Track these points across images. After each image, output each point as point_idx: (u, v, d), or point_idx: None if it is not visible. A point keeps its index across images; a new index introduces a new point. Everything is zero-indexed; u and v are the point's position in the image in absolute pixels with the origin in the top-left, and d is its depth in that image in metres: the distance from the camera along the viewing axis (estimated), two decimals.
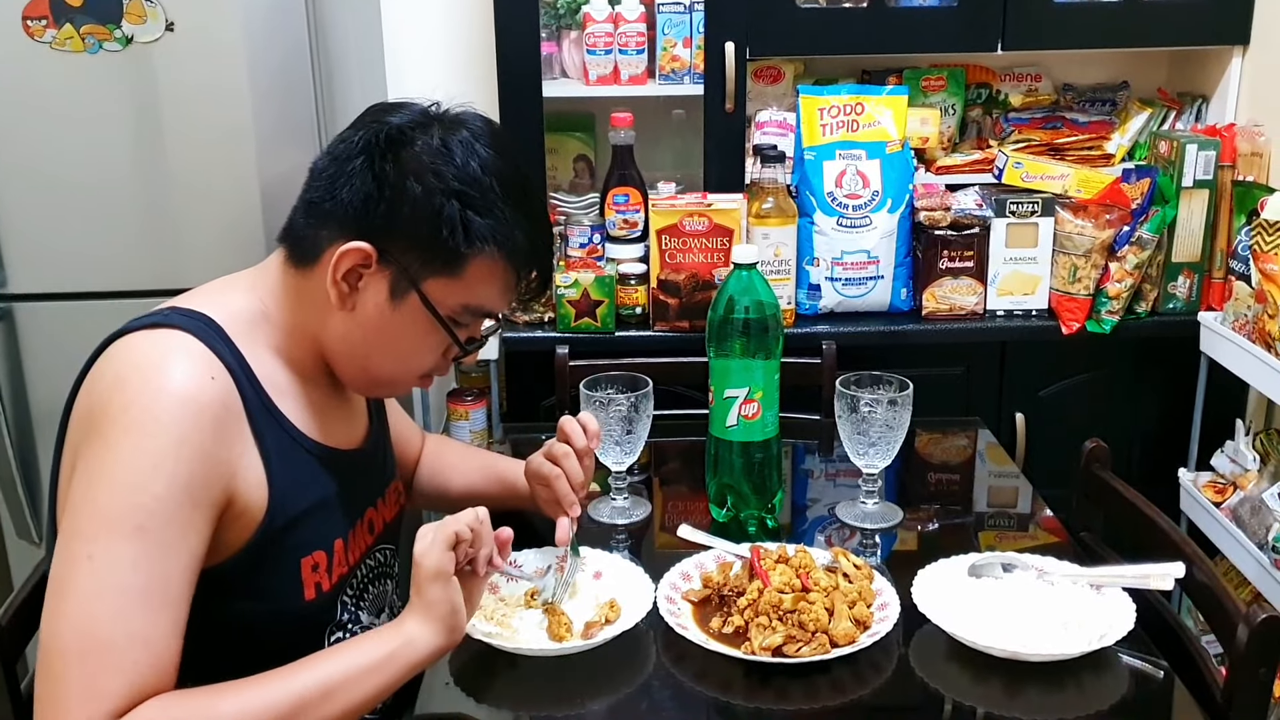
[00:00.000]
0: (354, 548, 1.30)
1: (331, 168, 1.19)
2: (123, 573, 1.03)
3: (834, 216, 2.31)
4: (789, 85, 2.58)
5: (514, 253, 1.20)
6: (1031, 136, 2.58)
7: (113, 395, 1.08)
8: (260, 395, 1.18)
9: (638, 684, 1.25)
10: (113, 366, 1.11)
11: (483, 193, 1.17)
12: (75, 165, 1.99)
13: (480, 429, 2.35)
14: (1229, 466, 2.20)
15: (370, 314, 1.20)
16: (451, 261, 1.17)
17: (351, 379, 1.29)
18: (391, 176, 1.16)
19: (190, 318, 1.16)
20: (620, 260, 2.34)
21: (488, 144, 1.20)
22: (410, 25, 2.66)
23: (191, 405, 1.08)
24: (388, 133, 1.18)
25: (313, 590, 1.22)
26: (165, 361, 1.10)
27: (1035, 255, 2.36)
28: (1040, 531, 1.61)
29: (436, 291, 1.19)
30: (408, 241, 1.17)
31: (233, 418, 1.13)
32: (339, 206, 1.17)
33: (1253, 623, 1.19)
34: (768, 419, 1.55)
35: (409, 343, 1.23)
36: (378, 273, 1.18)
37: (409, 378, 1.28)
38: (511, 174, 1.21)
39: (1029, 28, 2.41)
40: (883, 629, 1.27)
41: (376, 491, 1.37)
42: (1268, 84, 2.42)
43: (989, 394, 2.40)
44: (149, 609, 1.04)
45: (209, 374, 1.11)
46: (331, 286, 1.18)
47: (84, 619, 1.02)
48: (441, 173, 1.16)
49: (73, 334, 2.12)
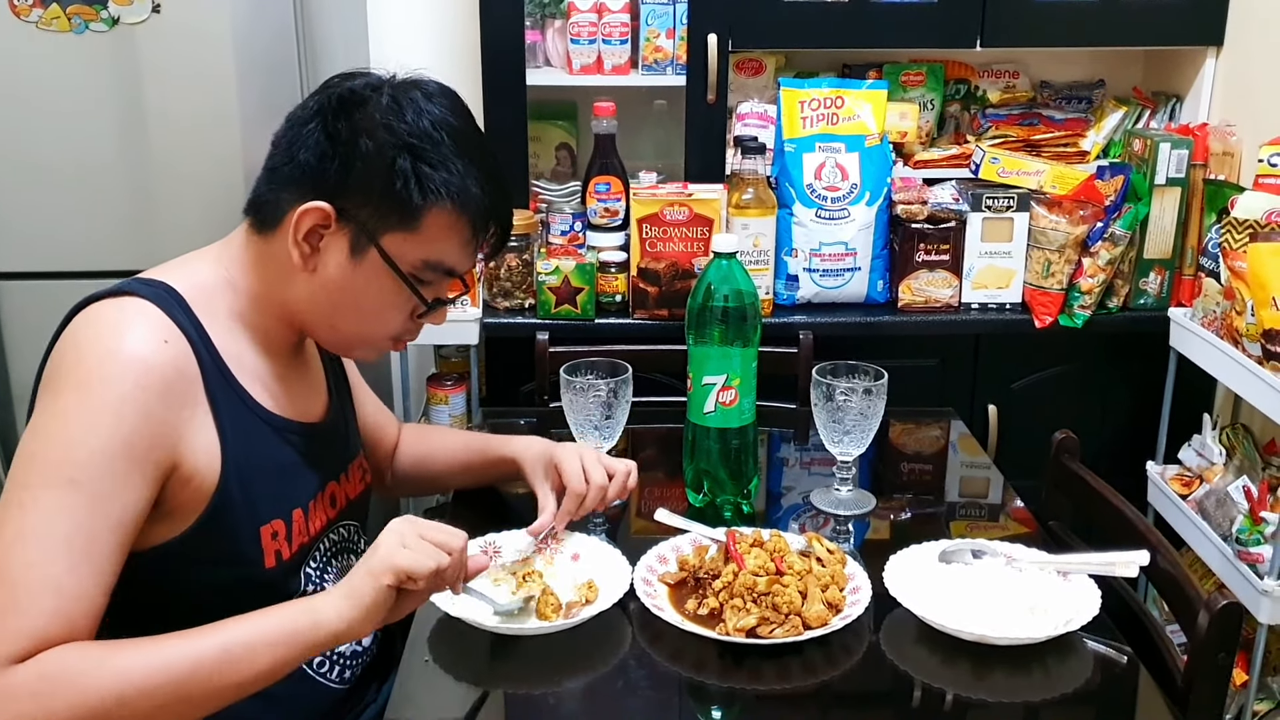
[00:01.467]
0: (314, 518, 1.31)
1: (289, 134, 1.22)
2: (47, 521, 1.05)
3: (813, 208, 2.33)
4: (770, 78, 2.60)
5: (468, 205, 1.22)
6: (1008, 132, 2.61)
7: (65, 356, 1.12)
8: (217, 363, 1.20)
9: (614, 663, 1.27)
10: (72, 333, 1.14)
11: (434, 146, 1.19)
12: (59, 145, 1.98)
13: (460, 413, 2.36)
14: (1196, 460, 2.24)
15: (333, 274, 1.22)
16: (407, 215, 1.20)
17: (323, 339, 1.32)
18: (344, 135, 1.18)
19: (151, 286, 1.19)
20: (601, 248, 2.36)
21: (440, 103, 1.22)
22: (395, 11, 2.67)
23: (139, 366, 1.10)
24: (340, 94, 1.21)
25: (273, 558, 1.24)
26: (120, 326, 1.13)
27: (1010, 250, 2.39)
28: (1010, 521, 1.64)
29: (395, 246, 1.21)
30: (363, 197, 1.19)
31: (186, 383, 1.15)
32: (296, 169, 1.20)
33: (1213, 609, 1.22)
34: (745, 406, 1.57)
35: (373, 301, 1.25)
36: (337, 231, 1.20)
37: (379, 339, 1.30)
38: (464, 129, 1.23)
39: (1008, 25, 2.44)
40: (854, 612, 1.30)
41: (339, 466, 1.39)
42: (1240, 85, 2.45)
43: (963, 385, 2.44)
44: (67, 559, 1.05)
45: (162, 338, 1.14)
46: (293, 247, 1.20)
47: (1, 560, 1.04)
48: (393, 128, 1.18)
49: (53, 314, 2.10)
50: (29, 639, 1.02)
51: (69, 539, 1.05)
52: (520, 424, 1.90)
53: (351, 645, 1.37)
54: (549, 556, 1.43)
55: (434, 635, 1.30)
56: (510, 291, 2.35)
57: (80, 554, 1.06)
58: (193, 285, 1.21)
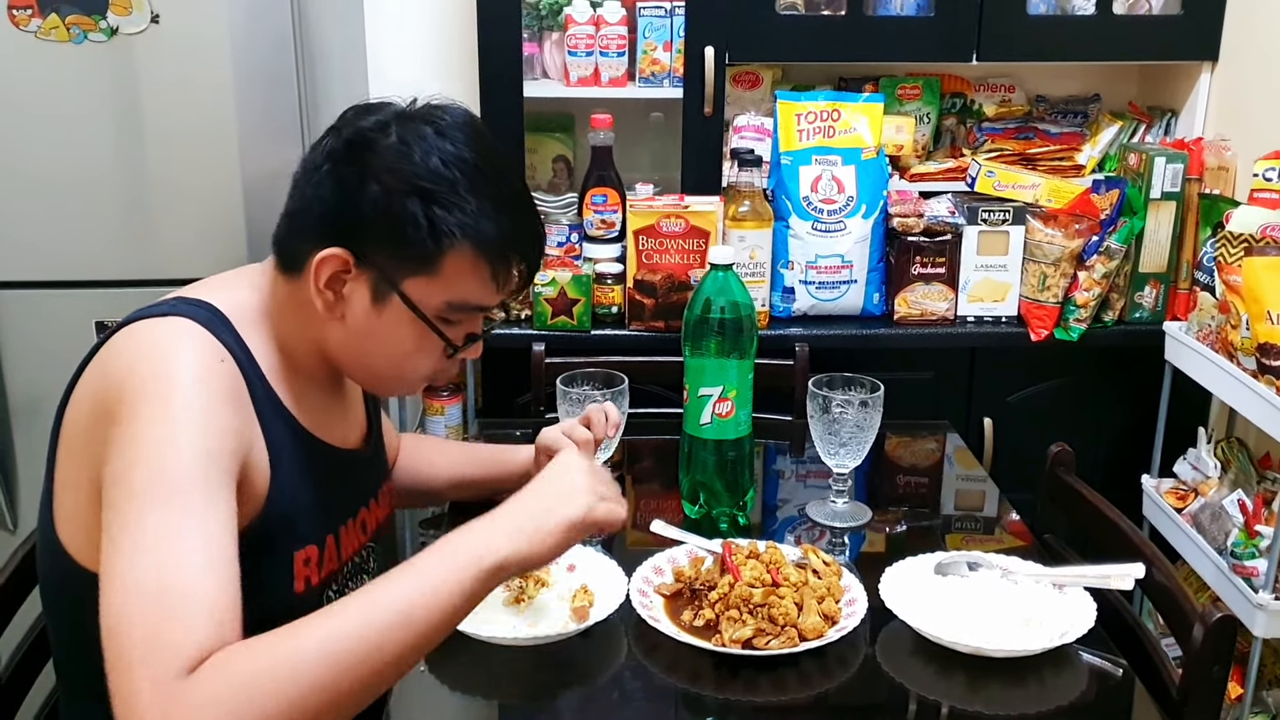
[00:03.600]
0: (346, 545, 1.30)
1: (303, 178, 1.20)
2: (169, 537, 1.00)
3: (809, 221, 2.34)
4: (767, 90, 2.60)
5: (485, 244, 1.17)
6: (1004, 146, 2.62)
7: (129, 378, 1.08)
8: (265, 384, 1.18)
9: (610, 675, 1.27)
10: (125, 352, 1.11)
11: (447, 186, 1.15)
12: (56, 155, 1.98)
13: (455, 424, 2.37)
14: (1191, 473, 2.25)
15: (360, 319, 1.19)
16: (425, 259, 1.16)
17: (361, 381, 1.31)
18: (352, 181, 1.15)
19: (197, 307, 1.16)
20: (597, 260, 2.36)
21: (454, 137, 1.17)
22: (393, 22, 2.67)
23: (208, 380, 1.09)
24: (348, 137, 1.18)
25: (302, 584, 1.22)
26: (176, 344, 1.11)
27: (1006, 263, 2.40)
28: (1006, 534, 1.64)
29: (417, 291, 1.18)
30: (378, 244, 1.16)
31: (242, 400, 1.14)
32: (311, 216, 1.18)
33: (1208, 622, 1.23)
34: (741, 418, 1.57)
35: (402, 345, 1.21)
36: (358, 277, 1.17)
37: (414, 378, 1.27)
38: (479, 164, 1.17)
39: (1004, 40, 2.45)
40: (850, 624, 1.30)
41: (370, 492, 1.38)
42: (1235, 100, 2.47)
43: (958, 398, 2.44)
44: (205, 565, 1.00)
45: (218, 357, 1.12)
46: (316, 295, 1.17)
47: (139, 587, 0.98)
48: (401, 171, 1.14)
49: (49, 323, 2.13)
50: (197, 648, 0.97)
51: (201, 548, 1.01)
52: (516, 435, 1.90)
53: None
54: (545, 567, 1.42)
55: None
56: (506, 302, 2.35)
57: (214, 559, 1.01)
58: (235, 306, 1.19)
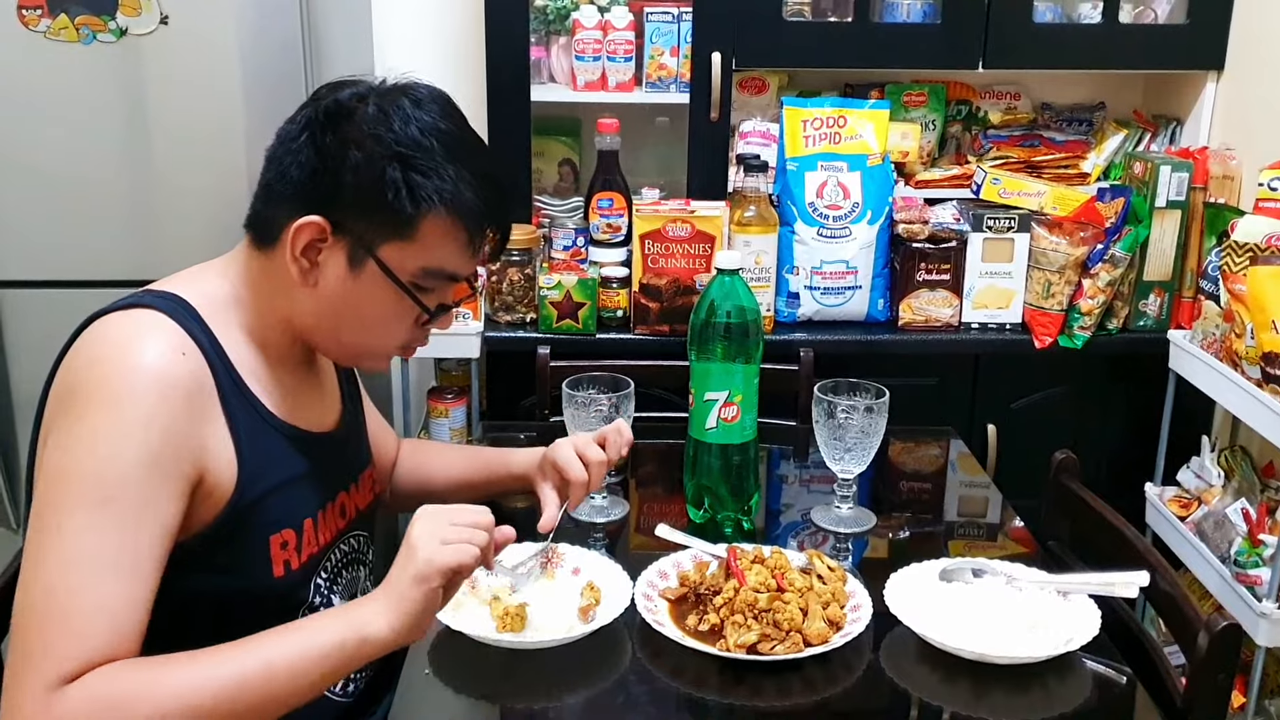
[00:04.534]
0: (324, 529, 1.31)
1: (279, 149, 1.22)
2: (88, 543, 1.05)
3: (814, 226, 2.34)
4: (773, 96, 2.61)
5: (463, 210, 1.21)
6: (1009, 153, 2.62)
7: (87, 372, 1.11)
8: (231, 374, 1.20)
9: (614, 679, 1.27)
10: (89, 346, 1.14)
11: (424, 153, 1.18)
12: (65, 154, 2.00)
13: (459, 427, 2.36)
14: (1194, 481, 2.25)
15: (334, 287, 1.22)
16: (402, 225, 1.19)
17: (330, 352, 1.32)
18: (333, 148, 1.18)
19: (164, 299, 1.19)
20: (603, 264, 2.37)
21: (430, 109, 1.21)
22: (401, 25, 2.68)
23: (163, 380, 1.10)
24: (326, 107, 1.20)
25: (281, 568, 1.24)
26: (139, 338, 1.13)
27: (1010, 270, 2.40)
28: (1009, 541, 1.64)
29: (393, 257, 1.21)
30: (357, 209, 1.19)
31: (204, 394, 1.15)
32: (289, 185, 1.20)
33: (1213, 630, 1.23)
34: (746, 423, 1.58)
35: (376, 312, 1.24)
36: (334, 245, 1.20)
37: (386, 348, 1.30)
38: (455, 134, 1.22)
39: (1010, 47, 2.46)
40: (855, 629, 1.30)
41: (349, 476, 1.39)
42: (1240, 109, 2.47)
43: (962, 404, 2.44)
44: (113, 579, 1.05)
45: (180, 350, 1.14)
46: (292, 263, 1.20)
47: (48, 587, 1.04)
48: (381, 138, 1.18)
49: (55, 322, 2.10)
50: (79, 661, 1.02)
51: (113, 560, 1.05)
52: (520, 438, 1.91)
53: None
54: (550, 571, 1.43)
55: (435, 648, 1.30)
56: (512, 305, 2.36)
57: (126, 572, 1.06)
58: (203, 297, 1.22)
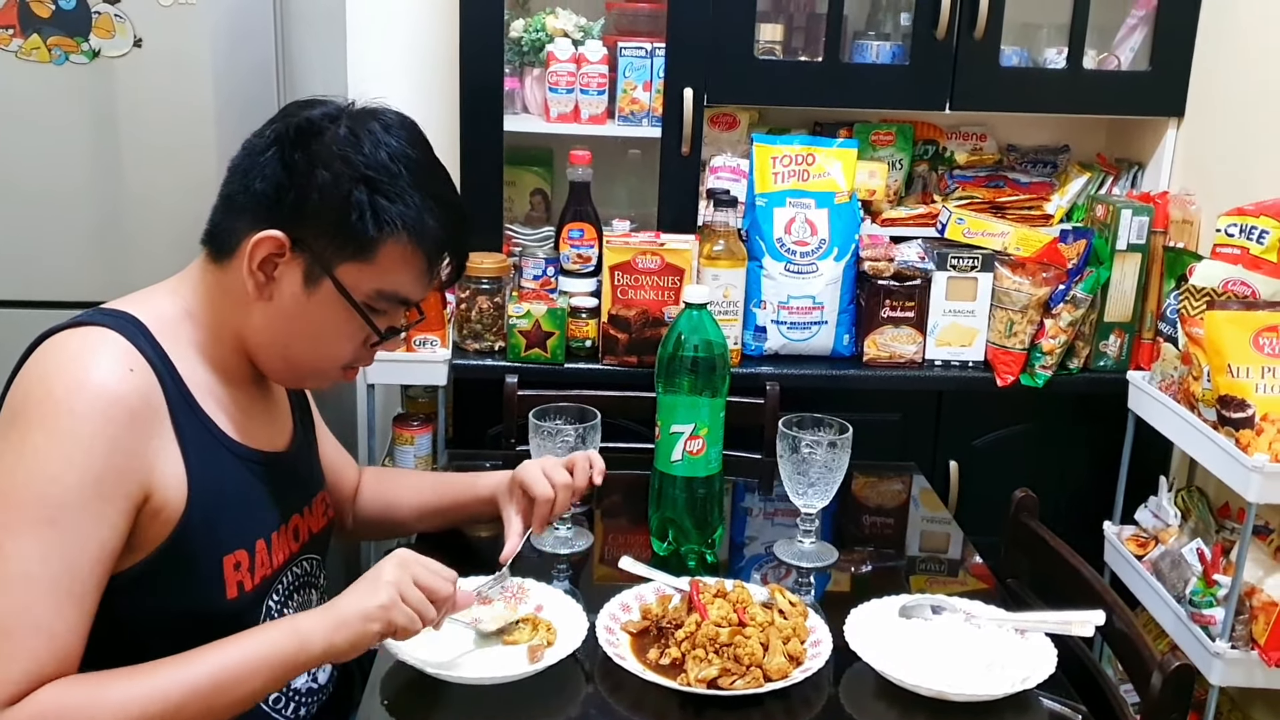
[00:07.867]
0: (278, 550, 1.31)
1: (245, 161, 1.23)
2: (29, 563, 1.05)
3: (782, 262, 2.36)
4: (744, 132, 2.64)
5: (424, 237, 1.23)
6: (974, 194, 2.66)
7: (33, 389, 1.11)
8: (182, 392, 1.20)
9: (574, 713, 1.27)
10: (36, 364, 1.14)
11: (391, 179, 1.20)
12: (34, 174, 1.98)
13: (425, 454, 2.36)
14: (1152, 521, 2.27)
15: (287, 303, 1.22)
16: (362, 247, 1.20)
17: (274, 370, 1.31)
18: (301, 165, 1.19)
19: (115, 316, 1.19)
20: (573, 294, 2.38)
21: (398, 135, 1.23)
22: (375, 52, 2.69)
23: (107, 399, 1.10)
24: (297, 124, 1.21)
25: (234, 589, 1.24)
26: (86, 356, 1.13)
27: (974, 308, 2.43)
28: (969, 577, 1.66)
29: (350, 277, 1.22)
30: (319, 228, 1.20)
31: (152, 412, 1.15)
32: (252, 198, 1.20)
33: (1166, 670, 1.24)
34: (711, 456, 1.59)
35: (327, 330, 1.25)
36: (292, 260, 1.21)
37: (331, 367, 1.31)
38: (421, 161, 1.24)
39: (977, 89, 2.50)
40: (815, 665, 1.31)
41: (303, 499, 1.39)
42: (1200, 155, 2.52)
43: (925, 441, 2.46)
44: (53, 600, 1.06)
45: (129, 367, 1.14)
46: (248, 276, 1.21)
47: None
48: (350, 159, 1.19)
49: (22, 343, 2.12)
50: (20, 682, 1.03)
51: (52, 580, 1.05)
52: (486, 466, 1.90)
53: (308, 682, 1.37)
54: (512, 605, 1.42)
55: (392, 679, 1.30)
56: (480, 334, 2.36)
57: (64, 593, 1.06)
58: (154, 315, 1.22)
